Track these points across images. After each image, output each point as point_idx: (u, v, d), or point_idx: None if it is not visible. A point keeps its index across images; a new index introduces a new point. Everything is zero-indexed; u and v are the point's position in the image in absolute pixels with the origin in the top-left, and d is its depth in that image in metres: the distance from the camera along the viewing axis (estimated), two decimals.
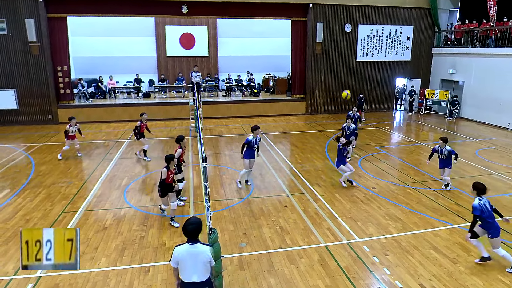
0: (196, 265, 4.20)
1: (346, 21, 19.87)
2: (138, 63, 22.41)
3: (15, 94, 17.42)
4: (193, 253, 4.20)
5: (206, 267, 4.27)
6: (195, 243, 4.23)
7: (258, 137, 9.81)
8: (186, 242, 4.26)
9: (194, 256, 4.20)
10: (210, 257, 4.25)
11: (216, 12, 19.07)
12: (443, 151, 9.52)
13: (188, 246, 4.22)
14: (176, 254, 4.23)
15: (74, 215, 8.29)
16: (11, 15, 16.59)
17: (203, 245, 4.28)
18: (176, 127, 17.47)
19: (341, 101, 20.90)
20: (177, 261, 4.24)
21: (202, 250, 4.23)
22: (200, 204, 8.82)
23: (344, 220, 8.03)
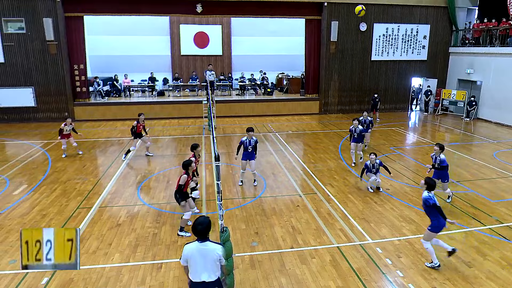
0: (206, 263, 4.16)
1: (361, 20, 19.65)
2: (152, 61, 22.63)
3: (33, 92, 17.82)
4: (202, 251, 4.17)
5: (216, 265, 4.23)
6: (205, 241, 4.21)
7: (253, 139, 9.65)
8: (195, 240, 4.24)
9: (203, 254, 4.16)
10: (220, 255, 4.22)
11: (230, 11, 19.11)
12: (436, 160, 8.52)
13: (198, 244, 4.20)
14: (185, 252, 4.21)
15: (88, 211, 8.43)
16: (29, 14, 16.96)
17: (213, 243, 4.24)
18: (189, 125, 17.59)
19: (356, 101, 20.74)
20: (186, 259, 4.21)
21: (212, 248, 4.20)
22: (213, 202, 8.86)
23: (357, 221, 7.95)
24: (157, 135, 15.76)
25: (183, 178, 7.14)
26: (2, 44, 17.08)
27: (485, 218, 8.13)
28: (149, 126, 17.22)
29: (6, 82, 17.55)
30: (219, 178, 5.27)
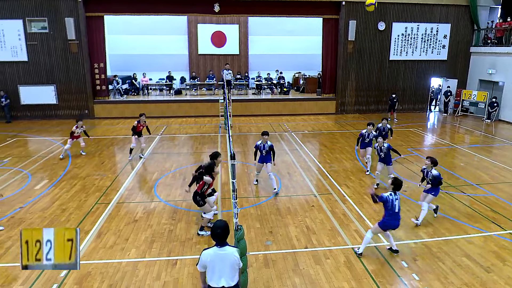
0: (225, 268, 4.09)
1: (380, 19, 19.41)
2: (170, 60, 22.91)
3: (55, 90, 18.31)
4: (222, 256, 4.10)
5: (235, 269, 4.15)
6: (224, 246, 4.13)
7: (268, 143, 9.37)
8: (214, 246, 4.15)
9: (223, 259, 4.09)
10: (238, 259, 4.16)
11: (248, 10, 19.16)
12: (428, 174, 7.82)
13: (217, 249, 4.12)
14: (204, 258, 4.12)
15: (106, 206, 8.61)
16: (52, 14, 17.41)
17: (231, 247, 4.19)
18: (206, 124, 17.73)
19: (373, 101, 20.51)
20: (205, 265, 4.13)
21: (231, 252, 4.13)
22: (228, 200, 8.92)
23: (372, 222, 7.86)
24: (174, 133, 15.95)
25: (207, 180, 7.14)
26: (26, 43, 17.60)
27: (505, 223, 7.93)
28: (166, 124, 17.47)
29: (29, 80, 18.08)
30: (234, 176, 5.31)
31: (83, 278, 5.96)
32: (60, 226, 7.63)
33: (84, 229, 7.53)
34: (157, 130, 16.41)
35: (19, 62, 17.85)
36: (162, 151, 13.14)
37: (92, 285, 5.79)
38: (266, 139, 9.40)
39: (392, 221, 6.39)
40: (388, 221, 6.40)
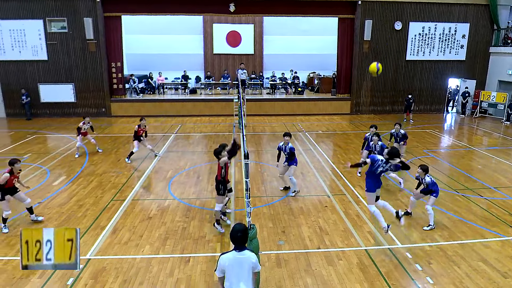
0: (243, 273, 4.02)
1: (396, 19, 19.16)
2: (186, 60, 23.12)
3: (73, 88, 18.71)
4: (241, 260, 4.02)
5: (252, 274, 4.11)
6: (243, 250, 4.06)
7: (289, 145, 9.06)
8: (232, 250, 4.09)
9: (241, 263, 4.02)
10: (256, 262, 4.10)
11: (263, 10, 19.18)
12: (423, 181, 7.78)
13: (236, 253, 4.03)
14: (222, 263, 4.03)
15: (122, 203, 8.76)
16: (71, 14, 17.79)
17: (249, 251, 4.12)
18: (220, 123, 17.83)
19: (389, 101, 20.28)
20: (223, 269, 4.04)
21: (249, 256, 4.06)
22: (241, 199, 8.96)
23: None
24: (189, 131, 16.10)
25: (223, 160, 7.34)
26: (46, 42, 18.03)
27: None
28: (181, 123, 17.64)
29: (49, 78, 18.51)
30: (247, 175, 5.34)
31: (98, 273, 6.09)
32: (77, 221, 7.81)
33: (100, 225, 7.69)
34: (172, 128, 16.59)
35: (39, 61, 18.30)
36: (176, 150, 13.28)
37: (107, 280, 5.91)
38: (286, 140, 9.05)
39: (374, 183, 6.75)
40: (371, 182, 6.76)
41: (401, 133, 11.06)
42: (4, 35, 17.93)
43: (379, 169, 6.64)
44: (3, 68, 18.32)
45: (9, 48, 18.09)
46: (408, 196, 9.13)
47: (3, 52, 18.12)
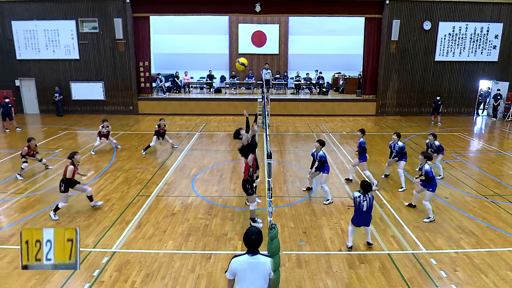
0: (256, 278, 3.90)
1: (425, 18, 18.67)
2: (211, 60, 23.38)
3: (103, 86, 19.31)
4: (253, 265, 3.90)
5: (266, 279, 3.95)
6: (256, 254, 3.94)
7: (320, 152, 8.82)
8: (245, 253, 3.97)
9: (254, 268, 3.90)
10: (270, 269, 3.96)
11: (289, 10, 19.14)
12: (422, 168, 8.02)
13: (248, 257, 3.91)
14: (234, 266, 3.91)
15: (147, 199, 8.99)
16: (102, 15, 18.36)
17: (264, 256, 3.99)
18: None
19: (416, 103, 19.82)
20: (234, 272, 3.92)
21: (263, 261, 3.93)
22: (263, 199, 8.99)
23: (410, 229, 7.64)
24: (213, 130, 16.29)
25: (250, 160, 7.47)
26: (78, 42, 18.69)
27: None
28: (206, 122, 17.87)
29: (80, 77, 19.19)
30: (270, 175, 5.36)
31: (122, 266, 6.28)
32: (104, 215, 8.07)
33: (125, 219, 7.93)
34: (197, 127, 16.82)
35: (72, 60, 18.99)
36: (201, 148, 13.48)
37: (131, 273, 6.09)
38: (317, 147, 8.85)
39: (359, 219, 6.79)
40: (355, 217, 6.84)
41: (435, 145, 10.29)
42: (39, 35, 18.73)
43: (363, 204, 6.66)
44: (38, 67, 19.14)
45: (43, 48, 18.88)
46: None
47: (38, 51, 18.92)
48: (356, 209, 6.74)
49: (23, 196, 9.08)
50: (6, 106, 15.76)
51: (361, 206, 6.67)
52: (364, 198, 6.64)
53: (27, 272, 6.03)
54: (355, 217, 6.84)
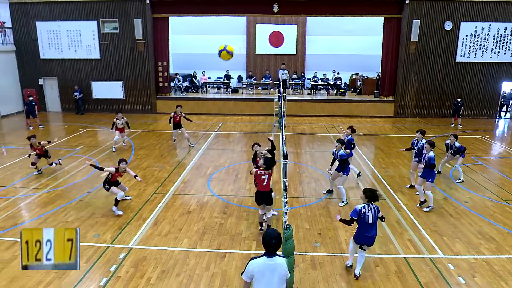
0: (273, 280, 3.91)
1: (446, 19, 18.27)
2: (229, 60, 23.41)
3: (123, 86, 19.67)
4: (271, 267, 3.92)
5: (283, 281, 3.99)
6: (274, 256, 3.94)
7: (340, 151, 8.69)
8: (262, 255, 3.97)
9: (272, 270, 3.91)
10: (287, 270, 4.00)
11: (307, 10, 19.06)
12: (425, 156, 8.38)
13: (266, 259, 3.92)
14: (251, 268, 3.92)
15: (163, 197, 9.12)
16: (122, 16, 18.71)
17: (281, 257, 4.02)
18: (260, 122, 17.96)
19: (435, 105, 19.43)
20: (251, 275, 3.93)
21: (281, 263, 3.95)
22: (278, 199, 8.98)
23: (428, 233, 7.51)
24: (229, 130, 16.38)
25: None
26: (99, 42, 19.10)
27: None
28: (222, 121, 17.98)
29: (101, 76, 19.61)
30: (286, 175, 5.37)
31: (139, 262, 6.40)
32: (122, 211, 8.23)
33: (142, 216, 8.07)
34: (213, 126, 16.95)
35: (93, 60, 19.42)
36: (217, 147, 13.57)
37: (147, 269, 6.20)
38: (338, 147, 8.74)
39: (362, 235, 5.87)
40: (358, 233, 5.91)
41: (456, 146, 10.11)
42: (62, 35, 19.23)
43: (368, 215, 5.80)
44: (60, 66, 19.65)
45: (66, 47, 19.37)
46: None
47: (60, 51, 19.43)
48: (360, 223, 5.86)
49: (44, 192, 9.35)
50: (30, 104, 16.25)
51: (366, 218, 5.80)
52: (369, 208, 5.84)
53: None
54: (358, 234, 5.96)
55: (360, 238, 5.95)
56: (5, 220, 7.89)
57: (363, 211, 5.81)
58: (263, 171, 7.12)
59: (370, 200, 5.86)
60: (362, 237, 5.91)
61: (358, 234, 5.97)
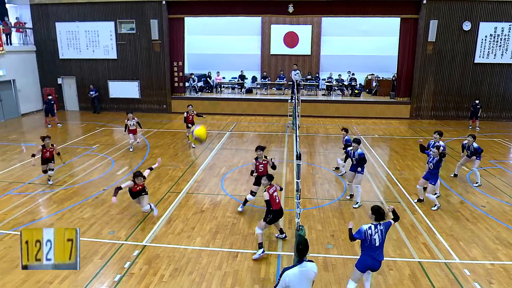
0: (305, 284, 4.16)
1: (465, 19, 17.90)
2: (243, 60, 23.56)
3: (138, 85, 19.95)
4: (304, 273, 4.14)
5: (311, 282, 4.25)
6: (303, 261, 4.16)
7: (358, 152, 8.64)
8: (295, 265, 4.20)
9: (305, 276, 4.14)
10: (316, 272, 4.22)
11: (322, 11, 18.96)
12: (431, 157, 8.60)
13: (299, 267, 4.14)
14: (288, 279, 4.10)
15: (177, 195, 9.21)
16: (139, 16, 18.98)
17: (309, 262, 4.22)
18: (274, 123, 17.95)
19: (453, 106, 19.07)
20: (287, 286, 4.12)
21: (311, 267, 4.18)
22: (291, 200, 8.99)
23: (443, 237, 7.38)
24: (243, 130, 16.42)
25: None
26: (116, 42, 19.41)
27: None
28: (236, 121, 18.04)
29: (117, 76, 19.93)
30: (299, 176, 5.36)
31: (152, 259, 6.48)
32: (136, 209, 8.34)
33: (156, 215, 8.15)
34: (227, 126, 17.02)
35: (110, 60, 19.75)
36: (231, 147, 13.63)
37: (160, 267, 6.27)
38: (354, 147, 8.73)
39: (368, 259, 5.15)
40: (363, 257, 5.19)
41: (473, 147, 9.88)
42: (80, 36, 19.62)
43: (375, 239, 5.08)
44: (79, 66, 20.06)
45: (84, 48, 19.76)
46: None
47: (79, 51, 19.83)
48: (365, 247, 5.14)
49: (61, 189, 9.56)
50: (49, 102, 16.63)
51: (373, 241, 5.06)
52: (376, 229, 5.10)
53: None
54: (363, 259, 5.20)
55: (366, 262, 5.17)
56: (24, 215, 8.10)
57: (368, 233, 5.05)
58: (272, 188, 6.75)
59: (378, 219, 5.14)
60: (368, 260, 5.16)
61: (363, 260, 5.19)
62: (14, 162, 11.70)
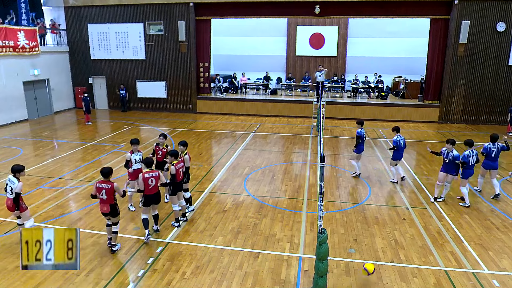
0: None
1: (499, 19, 17.21)
2: (268, 61, 23.59)
3: (165, 85, 20.36)
4: None
5: None
6: None
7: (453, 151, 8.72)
8: None
9: None
10: None
11: (349, 11, 18.73)
12: (448, 155, 8.81)
13: None
14: None
15: (200, 194, 9.33)
16: (167, 18, 19.38)
17: None
18: (298, 124, 17.88)
19: (484, 110, 18.36)
20: None
21: None
22: (313, 202, 8.93)
23: (472, 246, 7.12)
24: (267, 131, 16.44)
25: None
26: (145, 43, 19.90)
27: None
28: (260, 122, 18.08)
29: (145, 76, 20.42)
30: (322, 179, 5.32)
31: (175, 256, 6.60)
32: (160, 207, 8.49)
33: None
34: (251, 127, 17.09)
35: (138, 60, 20.28)
36: (254, 148, 13.68)
37: (182, 264, 6.38)
38: (450, 148, 8.73)
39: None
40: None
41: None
42: (111, 37, 20.24)
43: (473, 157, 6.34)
44: (109, 66, 20.70)
45: (114, 49, 20.37)
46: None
47: (109, 52, 20.46)
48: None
49: (90, 184, 9.88)
50: (86, 99, 17.33)
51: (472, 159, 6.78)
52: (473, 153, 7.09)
53: (89, 254, 6.58)
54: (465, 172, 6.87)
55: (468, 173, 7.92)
56: (54, 209, 8.43)
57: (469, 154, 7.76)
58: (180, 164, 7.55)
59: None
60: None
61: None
62: (47, 157, 12.20)
